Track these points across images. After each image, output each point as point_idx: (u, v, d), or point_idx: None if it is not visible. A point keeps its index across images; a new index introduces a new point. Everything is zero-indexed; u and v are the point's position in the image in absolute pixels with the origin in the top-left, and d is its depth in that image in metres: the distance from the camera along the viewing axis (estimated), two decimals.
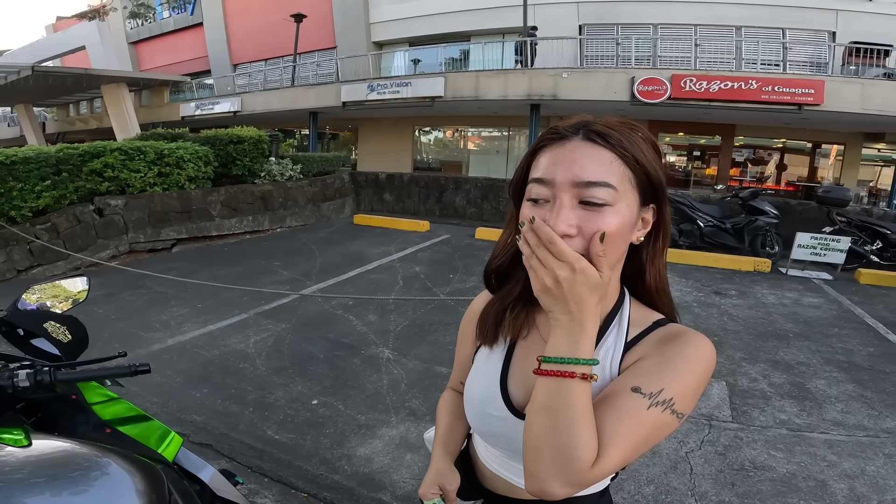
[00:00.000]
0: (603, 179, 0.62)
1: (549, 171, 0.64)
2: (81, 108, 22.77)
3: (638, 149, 0.65)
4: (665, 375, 0.63)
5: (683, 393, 0.62)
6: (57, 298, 1.51)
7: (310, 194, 9.77)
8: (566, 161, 0.63)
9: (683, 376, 0.63)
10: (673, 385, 0.62)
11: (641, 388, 0.62)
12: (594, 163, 0.62)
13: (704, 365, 0.65)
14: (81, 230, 6.24)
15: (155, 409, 2.77)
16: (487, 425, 0.78)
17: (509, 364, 0.78)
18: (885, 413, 3.09)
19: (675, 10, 12.92)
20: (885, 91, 9.56)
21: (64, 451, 0.84)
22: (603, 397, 0.63)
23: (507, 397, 0.75)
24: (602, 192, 0.61)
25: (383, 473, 2.37)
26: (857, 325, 4.83)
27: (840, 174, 13.56)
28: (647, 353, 0.67)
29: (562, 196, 0.62)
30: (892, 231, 7.13)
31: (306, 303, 4.87)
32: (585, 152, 0.63)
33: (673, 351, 0.65)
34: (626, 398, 0.62)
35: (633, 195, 0.65)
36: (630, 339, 0.71)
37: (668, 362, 0.64)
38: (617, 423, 0.60)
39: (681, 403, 0.62)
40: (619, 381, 0.65)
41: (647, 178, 0.66)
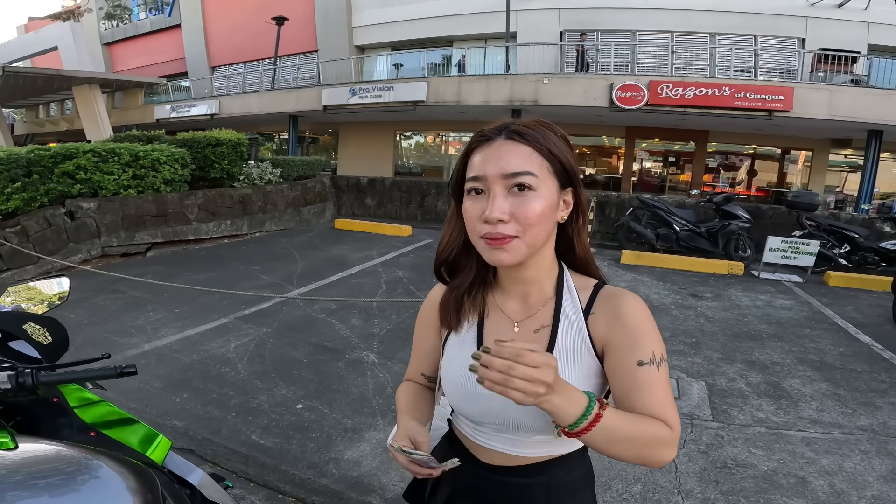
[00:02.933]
0: (525, 169, 0.74)
1: (481, 169, 0.76)
2: (52, 109, 22.15)
3: (551, 142, 0.76)
4: (643, 341, 0.77)
5: (659, 342, 0.78)
6: (32, 301, 1.46)
7: (290, 198, 9.66)
8: (494, 158, 0.75)
9: (651, 333, 0.78)
10: (653, 343, 0.77)
11: (642, 359, 0.76)
12: (516, 156, 0.74)
13: (646, 312, 0.80)
14: (52, 233, 6.05)
15: (134, 415, 2.69)
16: (478, 405, 0.84)
17: (482, 344, 0.86)
18: (859, 411, 3.19)
19: (652, 17, 13.19)
20: (852, 97, 9.91)
21: (52, 454, 0.81)
22: (629, 384, 0.76)
23: None
24: (526, 179, 0.74)
25: (372, 476, 2.35)
26: (828, 326, 4.99)
27: (808, 180, 14.01)
28: (607, 323, 0.80)
29: (494, 188, 0.74)
30: (859, 235, 7.40)
31: (288, 307, 4.80)
32: (509, 149, 0.75)
33: (630, 319, 0.78)
34: (640, 372, 0.75)
35: (552, 181, 0.77)
36: (584, 305, 0.83)
37: (636, 330, 0.77)
38: (654, 394, 0.74)
39: (663, 350, 0.79)
40: (622, 364, 0.77)
41: (561, 166, 0.77)
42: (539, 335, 0.83)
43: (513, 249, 0.75)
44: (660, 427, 0.72)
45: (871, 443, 2.80)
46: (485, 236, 0.75)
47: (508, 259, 0.76)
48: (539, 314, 0.84)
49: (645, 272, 6.98)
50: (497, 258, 0.76)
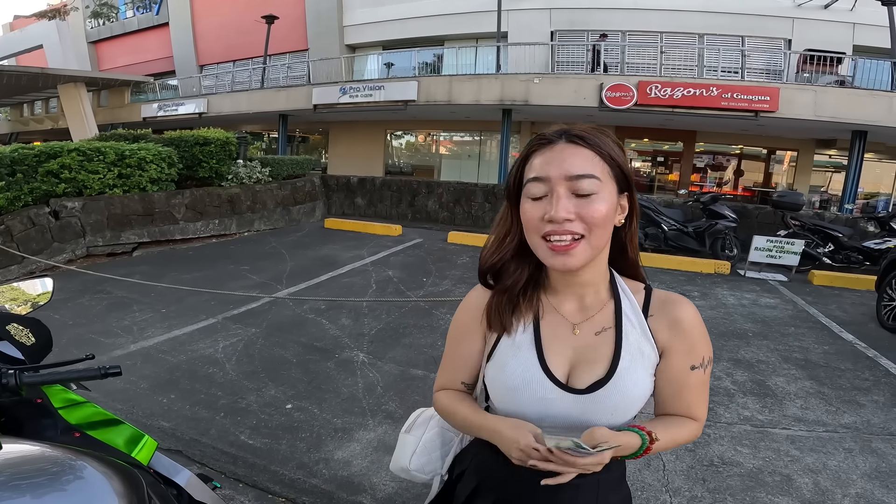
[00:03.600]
0: (589, 172, 0.75)
1: (543, 170, 0.77)
2: (37, 108, 21.81)
3: (610, 147, 0.78)
4: (696, 346, 0.84)
5: (708, 346, 0.86)
6: (15, 301, 1.44)
7: (279, 198, 9.60)
8: (557, 160, 0.76)
9: (704, 338, 0.85)
10: (704, 349, 0.85)
11: (695, 364, 0.84)
12: (580, 159, 0.76)
13: (700, 319, 0.86)
14: (36, 233, 5.96)
15: (120, 416, 2.66)
16: (539, 408, 0.83)
17: (542, 346, 0.85)
18: (843, 409, 3.24)
19: (641, 18, 13.28)
20: (836, 98, 10.04)
21: (36, 454, 0.80)
22: (681, 386, 0.85)
23: (553, 377, 0.83)
24: (590, 182, 0.75)
25: (362, 476, 2.34)
26: (812, 325, 5.07)
27: (793, 180, 14.20)
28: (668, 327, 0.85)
29: (558, 189, 0.75)
30: (842, 234, 7.51)
31: (277, 307, 4.77)
32: (572, 152, 0.77)
33: (687, 326, 0.84)
34: (692, 377, 0.84)
35: (612, 185, 0.78)
36: (641, 306, 0.87)
37: (693, 336, 0.84)
38: (698, 396, 0.86)
39: (711, 351, 0.87)
40: (678, 367, 0.85)
41: (620, 171, 0.79)
42: (602, 337, 0.84)
43: (578, 254, 0.77)
44: (690, 427, 0.85)
45: (854, 441, 2.84)
46: (548, 235, 0.77)
47: (574, 263, 0.77)
48: (598, 316, 0.85)
49: None
50: (562, 262, 0.77)
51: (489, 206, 10.64)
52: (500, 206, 3.99)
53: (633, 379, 0.81)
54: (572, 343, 0.84)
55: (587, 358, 0.83)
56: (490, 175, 14.31)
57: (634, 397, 0.81)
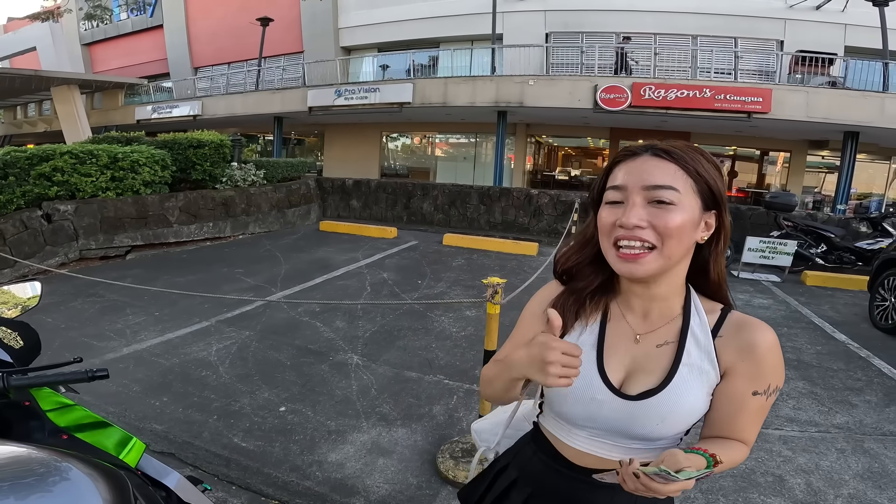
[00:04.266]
0: (667, 183, 0.76)
1: (623, 179, 0.79)
2: (30, 110, 21.71)
3: (699, 163, 0.78)
4: (764, 373, 0.80)
5: (779, 376, 0.82)
6: (6, 305, 1.44)
7: (274, 200, 9.58)
8: (637, 171, 0.78)
9: (774, 367, 0.81)
10: (773, 377, 0.81)
11: (758, 390, 0.81)
12: (660, 171, 0.77)
13: (778, 347, 0.82)
14: (29, 236, 5.92)
15: (111, 419, 2.64)
16: (587, 409, 0.84)
17: (603, 349, 0.86)
18: (835, 409, 3.26)
19: (636, 19, 13.35)
20: (828, 99, 10.10)
21: (21, 456, 0.80)
22: (738, 408, 0.82)
23: (607, 380, 0.84)
24: (667, 193, 0.76)
25: (356, 478, 2.34)
26: (805, 325, 5.09)
27: (787, 181, 14.29)
28: (737, 350, 0.82)
29: (633, 198, 0.77)
30: (835, 235, 7.56)
31: (271, 310, 4.76)
32: (653, 164, 0.78)
33: (761, 352, 0.80)
34: (752, 402, 0.81)
35: (694, 199, 0.78)
36: (712, 326, 0.85)
37: (764, 363, 0.80)
38: (753, 421, 0.83)
39: (781, 381, 0.83)
40: (739, 390, 0.81)
41: (707, 188, 0.79)
42: (662, 350, 0.84)
43: (647, 263, 0.77)
44: (742, 452, 0.84)
45: (846, 441, 2.85)
46: (618, 240, 0.78)
47: (641, 272, 0.78)
48: (663, 330, 0.85)
49: None
50: (629, 270, 0.78)
51: (484, 208, 10.65)
52: (494, 208, 4.09)
53: (687, 393, 0.81)
54: (632, 351, 0.85)
55: (644, 367, 0.84)
56: (486, 177, 14.33)
57: (685, 411, 0.81)
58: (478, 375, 3.41)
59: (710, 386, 0.82)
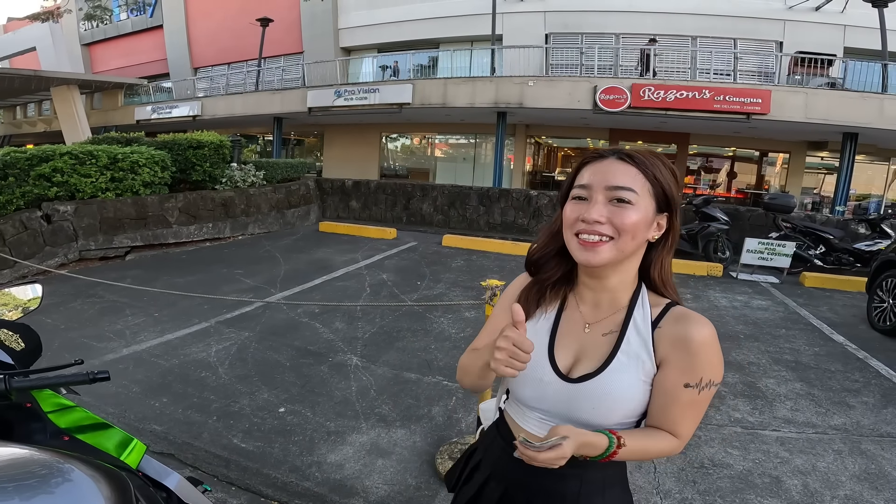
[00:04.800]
0: (627, 185, 0.84)
1: (588, 179, 0.87)
2: (29, 110, 21.71)
3: (657, 169, 0.86)
4: (697, 367, 0.84)
5: (714, 371, 0.85)
6: (6, 307, 1.45)
7: (273, 201, 9.58)
8: (602, 172, 0.86)
9: (709, 361, 0.85)
10: (706, 371, 0.84)
11: (689, 382, 0.84)
12: (622, 174, 0.85)
13: (715, 342, 0.86)
14: (28, 237, 5.93)
15: (111, 420, 2.64)
16: (536, 390, 0.92)
17: (555, 335, 0.94)
18: (833, 410, 3.27)
19: (635, 21, 13.37)
20: (827, 100, 10.11)
21: (24, 458, 0.81)
22: (670, 399, 0.86)
23: (555, 364, 0.91)
24: (626, 193, 0.83)
25: (355, 479, 2.35)
26: (803, 326, 5.10)
27: (786, 182, 14.30)
28: (672, 342, 0.86)
29: (596, 196, 0.85)
30: (833, 236, 7.57)
31: (270, 311, 4.77)
32: (617, 167, 0.86)
33: (694, 345, 0.84)
34: (683, 394, 0.85)
35: (650, 201, 0.85)
36: (654, 317, 0.90)
37: (697, 356, 0.84)
38: (684, 414, 0.86)
39: (717, 377, 0.86)
40: (670, 381, 0.86)
41: (662, 191, 0.86)
42: (607, 338, 0.90)
43: (603, 252, 0.84)
44: (668, 442, 0.87)
45: (844, 442, 2.86)
46: (580, 232, 0.85)
47: (598, 259, 0.85)
48: (609, 320, 0.92)
49: None
50: (586, 258, 0.85)
51: (484, 209, 10.67)
52: (494, 209, 4.14)
53: (622, 380, 0.86)
54: (581, 339, 0.92)
55: (588, 354, 0.90)
56: (485, 178, 14.34)
57: (618, 398, 0.86)
58: None
59: (646, 374, 0.86)
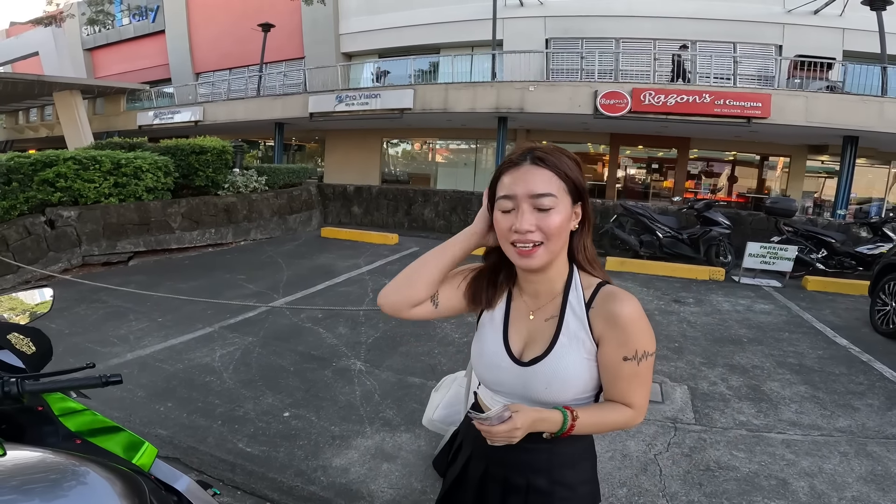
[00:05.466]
0: (548, 191, 0.91)
1: (511, 189, 0.93)
2: (32, 115, 21.76)
3: (566, 166, 0.93)
4: (630, 340, 0.93)
5: (646, 341, 0.94)
6: (14, 311, 1.46)
7: (275, 206, 9.61)
8: (522, 180, 0.92)
9: (639, 333, 0.93)
10: (639, 343, 0.93)
11: (627, 355, 0.93)
12: (540, 179, 0.91)
13: (641, 315, 0.95)
14: (32, 242, 5.94)
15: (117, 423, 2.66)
16: (495, 375, 1.02)
17: (508, 324, 1.04)
18: (837, 413, 3.26)
19: (635, 25, 13.41)
20: (827, 104, 10.11)
21: (40, 460, 0.82)
22: (614, 374, 0.95)
23: (510, 350, 1.01)
24: (548, 200, 0.91)
25: (361, 483, 2.35)
26: (806, 330, 5.10)
27: (786, 185, 14.31)
28: (604, 320, 0.95)
29: (522, 205, 0.91)
30: (835, 240, 7.57)
31: (274, 316, 4.77)
32: (533, 173, 0.92)
33: (621, 320, 0.93)
34: (624, 367, 0.94)
35: (566, 198, 0.93)
36: (587, 299, 0.98)
37: (626, 330, 0.93)
38: (631, 385, 0.95)
39: (650, 347, 0.95)
40: (610, 357, 0.95)
41: (574, 185, 0.94)
42: (549, 323, 0.99)
43: (538, 256, 0.92)
44: (623, 412, 0.96)
45: (849, 444, 2.86)
46: (515, 243, 0.92)
47: (536, 264, 0.93)
48: (548, 306, 1.01)
49: (629, 278, 7.07)
50: (526, 264, 0.94)
51: None
52: None
53: (567, 359, 0.95)
54: (527, 325, 1.02)
55: (535, 339, 0.99)
56: (486, 183, 14.24)
57: (568, 376, 0.95)
58: None
59: (587, 353, 0.96)
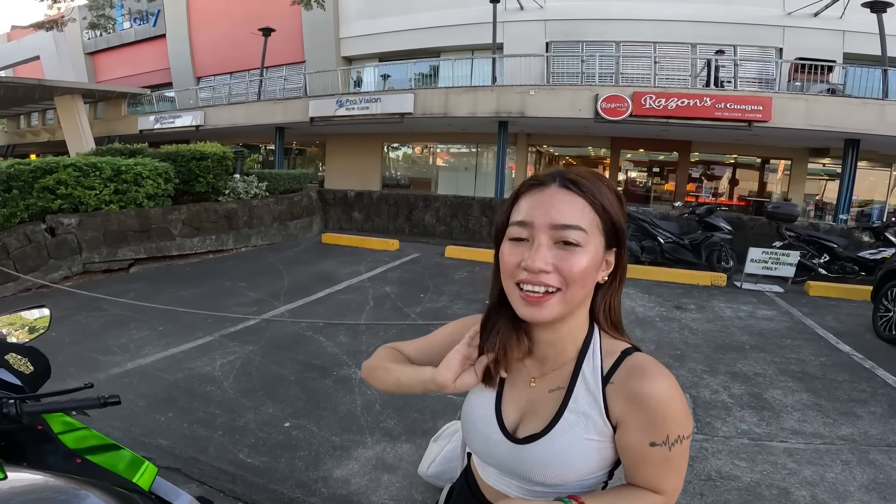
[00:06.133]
0: (576, 223, 0.71)
1: (529, 214, 0.73)
2: (33, 119, 21.80)
3: (605, 197, 0.73)
4: (659, 425, 0.73)
5: (680, 423, 0.74)
6: (13, 326, 1.46)
7: (276, 212, 9.61)
8: (544, 205, 0.72)
9: (672, 417, 0.73)
10: (671, 428, 0.73)
11: (655, 441, 0.73)
12: (569, 208, 0.71)
13: (675, 395, 0.74)
14: (32, 250, 5.95)
15: (117, 434, 2.64)
16: (485, 447, 0.85)
17: (503, 390, 0.86)
18: (840, 420, 3.25)
19: (635, 28, 13.41)
20: (828, 106, 10.08)
21: (40, 485, 0.81)
22: (639, 459, 0.76)
23: (502, 421, 0.83)
24: (575, 234, 0.71)
25: (361, 495, 2.34)
26: (809, 336, 5.08)
27: (788, 189, 14.29)
28: (626, 399, 0.75)
29: (540, 237, 0.72)
30: (838, 245, 7.56)
31: (274, 324, 4.77)
32: (561, 198, 0.72)
33: (650, 402, 0.73)
34: (651, 452, 0.74)
35: (599, 238, 0.73)
36: (606, 371, 0.79)
37: (656, 414, 0.73)
38: (661, 470, 0.75)
39: (685, 430, 0.75)
40: (633, 441, 0.75)
41: (612, 225, 0.74)
42: (553, 395, 0.81)
43: (549, 307, 0.72)
44: (649, 500, 0.77)
45: (852, 452, 2.85)
46: (522, 283, 0.72)
47: (545, 316, 0.73)
48: (555, 374, 0.82)
49: (630, 284, 7.05)
50: (531, 315, 0.73)
51: (486, 219, 10.68)
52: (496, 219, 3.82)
53: (570, 441, 0.77)
54: (527, 394, 0.83)
55: (535, 411, 0.81)
56: (487, 188, 14.37)
57: (568, 460, 0.77)
58: None
59: (598, 434, 0.77)
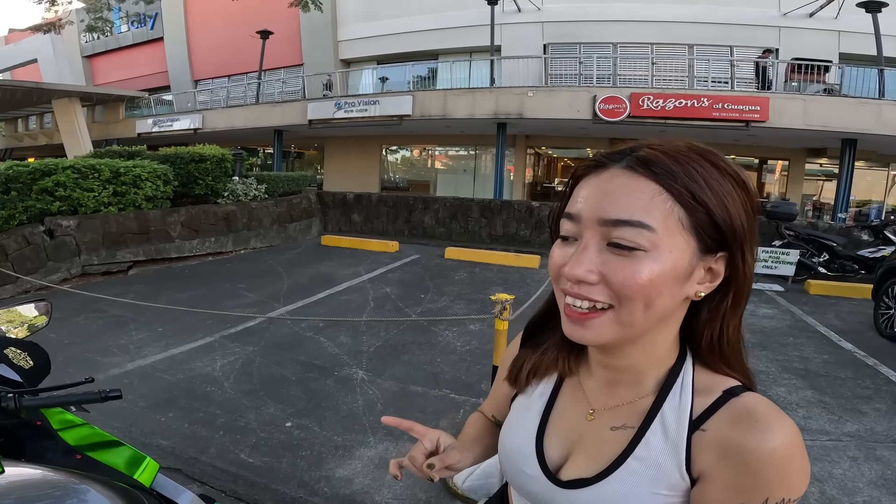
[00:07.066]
0: (635, 218, 0.52)
1: (577, 206, 0.57)
2: (31, 123, 21.77)
3: (697, 181, 0.53)
4: (759, 486, 0.52)
5: (791, 486, 0.53)
6: (12, 323, 1.44)
7: (275, 215, 9.59)
8: (598, 194, 0.55)
9: (779, 479, 0.52)
10: (776, 490, 0.52)
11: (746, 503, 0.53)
12: (629, 197, 0.53)
13: (795, 454, 0.53)
14: (31, 252, 5.91)
15: (118, 434, 2.59)
16: (521, 483, 0.70)
17: (548, 419, 0.70)
18: (845, 417, 3.24)
19: (633, 30, 13.46)
20: (825, 107, 10.13)
21: (40, 478, 0.79)
22: None
23: (542, 456, 0.68)
24: (632, 232, 0.52)
25: (364, 494, 2.31)
26: (811, 334, 5.07)
27: (785, 189, 14.32)
28: (721, 452, 0.55)
29: (587, 235, 0.55)
30: (837, 243, 7.56)
31: (275, 325, 4.74)
32: (620, 183, 0.54)
33: (752, 459, 0.52)
34: None
35: (684, 239, 0.53)
36: (697, 414, 0.58)
37: (756, 474, 0.52)
38: None
39: (795, 492, 0.53)
40: (718, 500, 0.55)
41: (709, 219, 0.53)
42: (617, 434, 0.62)
43: (597, 327, 0.56)
44: None
45: (858, 449, 2.83)
46: (566, 292, 0.57)
47: (590, 337, 0.57)
48: (625, 409, 0.63)
49: None
50: (574, 333, 0.58)
51: (485, 221, 10.67)
52: (496, 220, 3.85)
53: (629, 494, 0.59)
54: (580, 428, 0.66)
55: (588, 450, 0.64)
56: (486, 189, 14.36)
57: None
58: (484, 389, 3.39)
59: (669, 489, 0.58)
